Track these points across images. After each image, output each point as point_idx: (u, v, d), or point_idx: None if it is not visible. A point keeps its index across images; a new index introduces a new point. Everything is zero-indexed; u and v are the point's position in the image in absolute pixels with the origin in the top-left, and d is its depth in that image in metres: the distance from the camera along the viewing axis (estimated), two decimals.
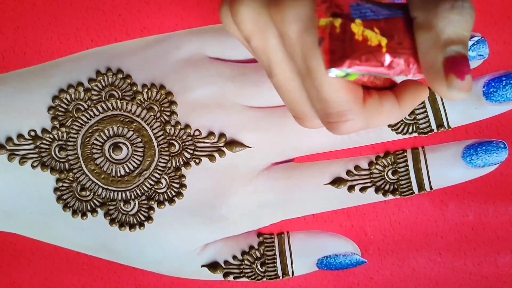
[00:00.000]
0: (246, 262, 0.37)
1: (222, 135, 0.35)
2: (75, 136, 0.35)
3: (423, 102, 0.36)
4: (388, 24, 0.23)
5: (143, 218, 0.35)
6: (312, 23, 0.23)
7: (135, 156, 0.35)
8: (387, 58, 0.23)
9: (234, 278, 0.37)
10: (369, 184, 0.36)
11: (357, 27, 0.22)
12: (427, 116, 0.36)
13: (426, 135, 0.36)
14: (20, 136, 0.35)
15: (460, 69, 0.22)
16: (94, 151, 0.35)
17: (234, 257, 0.37)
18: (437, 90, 0.23)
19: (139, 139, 0.35)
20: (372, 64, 0.22)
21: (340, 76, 0.22)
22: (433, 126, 0.36)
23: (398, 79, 0.27)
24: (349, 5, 0.23)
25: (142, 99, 0.35)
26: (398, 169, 0.36)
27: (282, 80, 0.26)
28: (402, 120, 0.36)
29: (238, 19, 0.26)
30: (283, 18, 0.24)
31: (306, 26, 0.24)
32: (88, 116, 0.35)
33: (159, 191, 0.35)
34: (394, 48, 0.23)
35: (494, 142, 0.36)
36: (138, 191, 0.35)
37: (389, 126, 0.36)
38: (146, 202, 0.35)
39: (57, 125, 0.35)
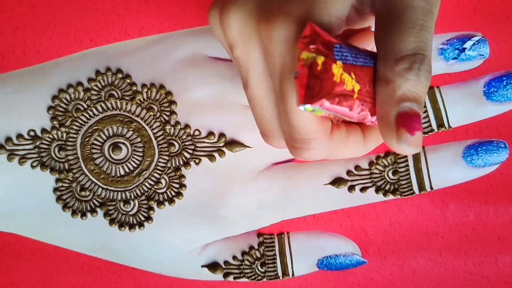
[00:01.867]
0: (246, 262, 0.37)
1: (222, 135, 0.35)
2: (75, 136, 0.35)
3: (424, 102, 0.36)
4: (362, 71, 0.24)
5: (142, 218, 0.35)
6: (296, 46, 0.24)
7: (135, 156, 0.35)
8: (356, 105, 0.23)
9: (234, 278, 0.37)
10: (369, 184, 0.36)
11: (337, 69, 0.22)
12: (427, 116, 0.36)
13: (426, 135, 0.36)
14: (19, 136, 0.35)
15: (411, 125, 0.23)
16: (94, 151, 0.35)
17: (234, 257, 0.37)
18: (388, 142, 0.24)
19: (139, 139, 0.35)
20: (341, 107, 0.23)
21: (308, 110, 0.23)
22: (434, 126, 0.36)
23: None
24: (333, 45, 0.23)
25: (141, 99, 0.35)
26: (399, 169, 0.36)
27: (256, 95, 0.27)
28: None
29: (225, 26, 0.26)
30: (271, 35, 0.24)
31: (289, 48, 0.24)
32: (88, 116, 0.35)
33: (158, 191, 0.35)
34: (363, 96, 0.23)
35: (495, 142, 0.36)
36: (137, 191, 0.35)
37: None
38: (145, 202, 0.35)
39: (57, 125, 0.35)
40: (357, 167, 0.36)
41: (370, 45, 0.27)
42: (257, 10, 0.25)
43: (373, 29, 0.26)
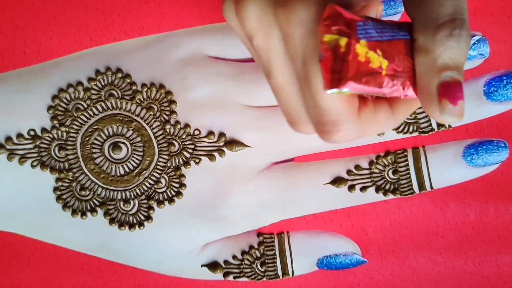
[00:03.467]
0: (246, 261, 0.37)
1: (222, 134, 0.35)
2: (75, 135, 0.35)
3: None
4: (390, 46, 0.23)
5: (142, 218, 0.35)
6: (317, 28, 0.23)
7: (135, 156, 0.35)
8: (386, 81, 0.23)
9: (234, 277, 0.37)
10: (369, 184, 0.36)
11: (361, 48, 0.22)
12: (427, 115, 0.36)
13: (426, 135, 0.36)
14: (19, 135, 0.35)
15: (453, 95, 0.23)
16: (94, 150, 0.35)
17: (234, 257, 0.37)
18: (430, 113, 0.23)
19: (139, 139, 0.35)
20: (370, 86, 0.22)
21: (335, 93, 0.22)
22: (434, 125, 0.36)
23: None
24: (356, 24, 0.22)
25: (141, 99, 0.35)
26: (399, 169, 0.36)
27: (281, 81, 0.26)
28: None
29: (242, 16, 0.25)
30: (289, 19, 0.24)
31: (310, 30, 0.23)
32: (88, 116, 0.35)
33: (158, 190, 0.35)
34: (393, 71, 0.23)
35: (495, 141, 0.36)
36: (137, 191, 0.35)
37: None
38: (145, 201, 0.35)
39: (57, 125, 0.35)
40: (357, 167, 0.36)
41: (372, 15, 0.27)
42: None
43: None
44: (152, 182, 0.35)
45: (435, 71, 0.23)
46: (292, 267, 0.37)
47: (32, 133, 0.35)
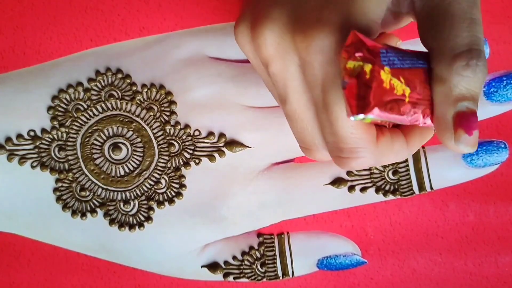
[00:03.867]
0: (246, 262, 0.37)
1: (222, 135, 0.35)
2: (75, 136, 0.35)
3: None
4: (411, 74, 0.23)
5: (142, 219, 0.35)
6: (335, 56, 0.23)
7: (135, 156, 0.35)
8: (408, 109, 0.23)
9: (234, 278, 0.37)
10: (369, 184, 0.36)
11: (385, 75, 0.22)
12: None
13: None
14: (19, 136, 0.35)
15: (468, 125, 0.23)
16: (94, 151, 0.35)
17: (234, 258, 0.37)
18: (445, 142, 0.24)
19: (139, 139, 0.35)
20: (393, 113, 0.22)
21: (358, 119, 0.22)
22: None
23: None
24: (379, 51, 0.22)
25: (141, 99, 0.35)
26: (399, 169, 0.36)
27: (297, 108, 0.26)
28: None
29: (259, 42, 0.25)
30: (309, 47, 0.24)
31: (330, 58, 0.23)
32: (88, 116, 0.35)
33: (158, 191, 0.35)
34: (415, 98, 0.23)
35: (495, 142, 0.36)
36: (137, 191, 0.35)
37: None
38: (145, 202, 0.35)
39: (57, 125, 0.35)
40: None
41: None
42: (291, 22, 0.24)
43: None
44: (152, 183, 0.35)
45: (452, 100, 0.23)
46: (292, 267, 0.37)
47: (32, 133, 0.35)
